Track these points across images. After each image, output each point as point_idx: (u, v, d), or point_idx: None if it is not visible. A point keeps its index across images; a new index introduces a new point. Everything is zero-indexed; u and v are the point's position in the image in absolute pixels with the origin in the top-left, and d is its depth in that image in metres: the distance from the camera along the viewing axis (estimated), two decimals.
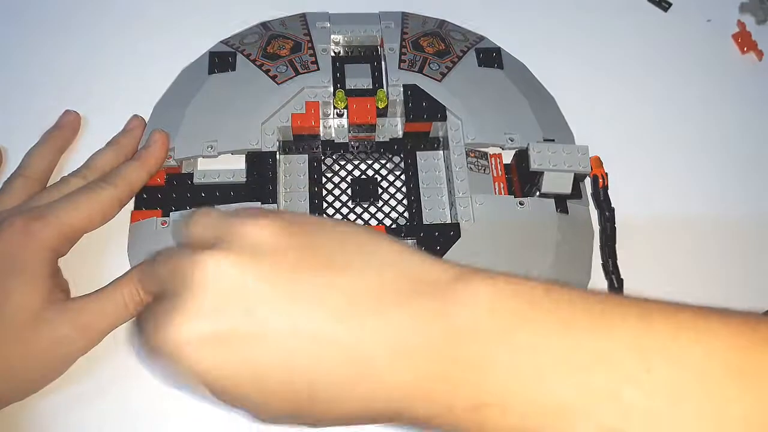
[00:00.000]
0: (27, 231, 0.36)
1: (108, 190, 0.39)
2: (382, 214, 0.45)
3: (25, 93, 0.48)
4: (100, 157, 0.42)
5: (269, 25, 0.50)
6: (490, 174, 0.45)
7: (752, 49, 0.54)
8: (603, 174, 0.44)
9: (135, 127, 0.45)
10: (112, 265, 0.40)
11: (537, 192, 0.43)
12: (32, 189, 0.41)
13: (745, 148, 0.50)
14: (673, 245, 0.46)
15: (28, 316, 0.34)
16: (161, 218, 0.41)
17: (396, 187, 0.46)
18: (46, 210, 0.37)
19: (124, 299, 0.36)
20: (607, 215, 0.44)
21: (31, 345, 0.34)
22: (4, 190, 0.40)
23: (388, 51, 0.47)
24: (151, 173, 0.42)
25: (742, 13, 0.56)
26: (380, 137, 0.47)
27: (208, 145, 0.43)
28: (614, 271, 0.43)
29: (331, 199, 0.45)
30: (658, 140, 0.50)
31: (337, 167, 0.46)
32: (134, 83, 0.48)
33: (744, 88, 0.53)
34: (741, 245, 0.47)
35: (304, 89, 0.45)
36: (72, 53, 0.49)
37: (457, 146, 0.44)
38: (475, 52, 0.49)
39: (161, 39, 0.50)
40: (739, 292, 0.45)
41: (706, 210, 0.48)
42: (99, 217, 0.39)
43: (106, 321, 0.36)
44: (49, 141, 0.44)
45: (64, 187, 0.40)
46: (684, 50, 0.54)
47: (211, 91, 0.46)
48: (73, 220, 0.37)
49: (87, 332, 0.36)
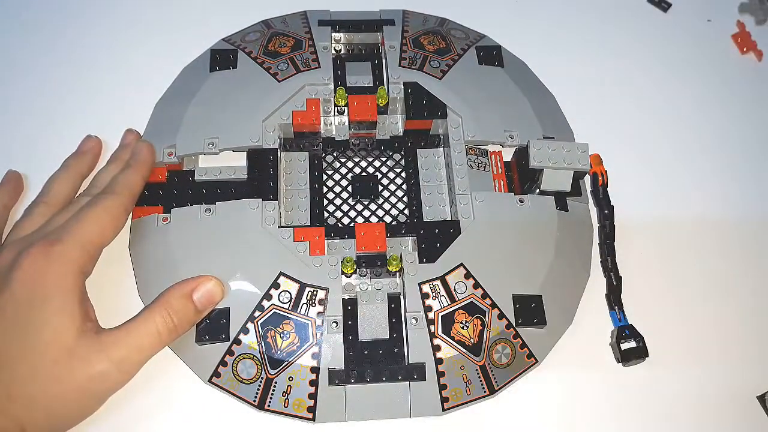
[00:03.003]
0: (48, 257, 0.35)
1: (110, 199, 0.39)
2: (383, 211, 0.45)
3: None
4: (104, 173, 0.43)
5: (270, 23, 0.50)
6: (490, 171, 0.46)
7: (752, 49, 0.54)
8: (603, 172, 0.44)
9: (131, 141, 0.45)
10: (113, 261, 0.41)
11: (537, 189, 0.44)
12: (53, 215, 0.40)
13: (745, 147, 0.51)
14: (672, 243, 0.46)
15: (62, 352, 0.34)
16: (162, 215, 0.42)
17: (396, 185, 0.46)
18: (60, 232, 0.37)
19: (157, 328, 0.36)
20: (606, 213, 0.44)
21: (66, 383, 0.34)
22: (24, 216, 0.40)
23: (389, 49, 0.48)
24: (145, 177, 0.42)
25: (742, 13, 0.56)
26: (381, 135, 0.47)
27: (210, 142, 0.43)
28: (613, 269, 0.43)
29: (332, 196, 0.45)
30: (658, 139, 0.50)
31: (338, 164, 0.47)
32: (136, 81, 0.48)
33: (744, 88, 0.53)
34: (740, 243, 0.47)
35: (305, 87, 0.45)
36: (74, 55, 0.50)
37: (458, 144, 0.45)
38: (475, 50, 0.49)
39: (163, 37, 0.51)
40: (738, 289, 0.45)
41: (705, 208, 0.48)
42: (110, 226, 0.39)
43: (142, 354, 0.36)
44: (71, 167, 0.43)
45: (75, 208, 0.39)
46: (684, 50, 0.54)
47: (212, 89, 0.46)
48: (88, 235, 0.37)
49: (123, 367, 0.35)
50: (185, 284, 0.37)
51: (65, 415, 0.35)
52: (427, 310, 0.39)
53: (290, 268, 0.39)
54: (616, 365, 0.42)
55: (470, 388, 0.39)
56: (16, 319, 0.34)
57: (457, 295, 0.40)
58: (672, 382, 0.42)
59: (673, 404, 0.41)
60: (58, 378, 0.33)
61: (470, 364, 0.39)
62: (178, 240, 0.41)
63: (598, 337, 0.42)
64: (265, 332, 0.38)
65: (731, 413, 0.41)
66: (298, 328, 0.38)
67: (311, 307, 0.39)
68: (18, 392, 0.33)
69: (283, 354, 0.38)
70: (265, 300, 0.39)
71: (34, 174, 0.44)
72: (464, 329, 0.39)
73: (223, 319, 0.39)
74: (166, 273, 0.40)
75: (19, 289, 0.34)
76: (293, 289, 0.39)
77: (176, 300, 0.37)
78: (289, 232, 0.41)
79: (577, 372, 0.41)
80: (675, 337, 0.43)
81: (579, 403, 0.41)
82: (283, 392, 0.38)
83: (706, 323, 0.44)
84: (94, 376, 0.34)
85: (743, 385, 0.42)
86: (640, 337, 0.41)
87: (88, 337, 0.34)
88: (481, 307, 0.40)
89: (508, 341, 0.40)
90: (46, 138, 0.46)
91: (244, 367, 0.38)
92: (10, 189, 0.42)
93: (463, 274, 0.40)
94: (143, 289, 0.40)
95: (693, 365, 0.42)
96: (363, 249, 0.41)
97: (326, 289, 0.39)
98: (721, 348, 0.43)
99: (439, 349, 0.39)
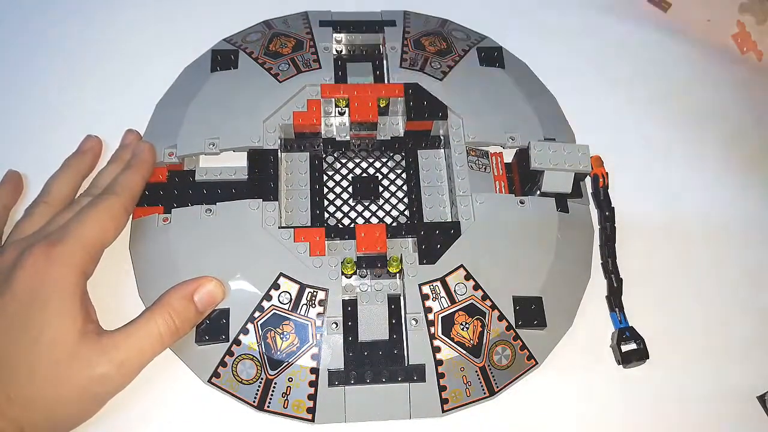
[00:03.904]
0: (49, 257, 0.35)
1: (111, 199, 0.39)
2: (383, 212, 0.45)
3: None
4: (104, 174, 0.42)
5: (272, 24, 0.50)
6: (490, 173, 0.46)
7: (752, 49, 0.54)
8: (603, 173, 0.44)
9: (132, 141, 0.45)
10: (113, 261, 0.41)
11: (537, 191, 0.43)
12: (53, 215, 0.40)
13: (745, 148, 0.50)
14: (673, 245, 0.46)
15: (63, 354, 0.33)
16: (163, 215, 0.42)
17: (397, 186, 0.46)
18: (61, 233, 0.36)
19: (159, 330, 0.36)
20: (607, 214, 0.44)
21: (67, 385, 0.33)
22: (25, 217, 0.40)
23: (390, 50, 0.48)
24: (145, 178, 0.42)
25: (742, 13, 0.56)
26: (381, 135, 0.47)
27: (210, 142, 0.43)
28: (613, 271, 0.43)
29: (332, 197, 0.45)
30: (658, 140, 0.50)
31: (339, 165, 0.47)
32: (137, 81, 0.48)
33: (744, 88, 0.53)
34: (740, 245, 0.47)
35: (306, 87, 0.45)
36: (75, 55, 0.50)
37: (458, 145, 0.45)
38: (476, 51, 0.49)
39: (164, 37, 0.51)
40: (737, 291, 0.45)
41: (705, 210, 0.48)
42: (111, 226, 0.39)
43: (143, 356, 0.36)
44: (71, 167, 0.43)
45: (75, 208, 0.39)
46: (684, 50, 0.54)
47: (213, 89, 0.46)
48: (89, 235, 0.37)
49: (124, 369, 0.35)
50: (186, 285, 0.37)
51: (65, 416, 0.35)
52: (427, 311, 0.39)
53: (290, 268, 0.39)
54: (616, 367, 0.42)
55: (470, 389, 0.39)
56: (17, 321, 0.33)
57: (458, 296, 0.40)
58: (673, 383, 0.42)
59: (674, 406, 0.41)
60: (58, 380, 0.33)
61: (470, 366, 0.39)
62: (179, 240, 0.41)
63: (599, 339, 0.42)
64: (265, 333, 0.38)
65: (731, 413, 0.41)
66: (297, 329, 0.38)
67: (311, 308, 0.39)
68: (18, 394, 0.33)
69: (283, 355, 0.38)
70: (265, 301, 0.39)
71: (34, 174, 0.44)
72: (464, 331, 0.39)
73: (223, 320, 0.39)
74: (166, 273, 0.40)
75: (20, 290, 0.34)
76: (293, 289, 0.39)
77: (177, 301, 0.37)
78: (289, 233, 0.41)
79: (578, 374, 0.41)
80: (676, 339, 0.43)
81: (579, 405, 0.41)
82: (283, 393, 0.38)
83: (706, 325, 0.44)
84: (94, 378, 0.34)
85: (743, 385, 0.42)
86: (641, 339, 0.41)
87: (89, 339, 0.34)
88: (482, 309, 0.40)
89: (508, 343, 0.40)
90: (46, 138, 0.46)
91: (244, 367, 0.38)
92: (10, 189, 0.42)
93: (463, 276, 0.40)
94: (144, 289, 0.40)
95: (693, 367, 0.42)
96: (363, 250, 0.41)
97: (326, 290, 0.39)
98: (721, 348, 0.43)
99: (439, 350, 0.39)
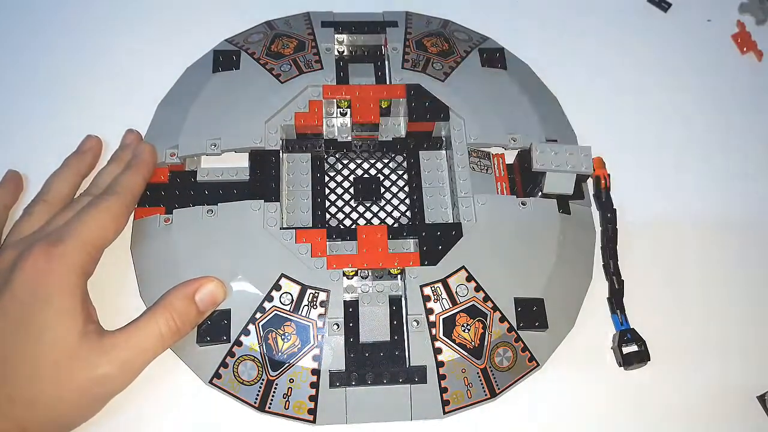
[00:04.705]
0: (49, 258, 0.35)
1: (111, 199, 0.39)
2: (385, 213, 0.45)
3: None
4: (104, 173, 0.42)
5: (273, 24, 0.50)
6: (492, 174, 0.46)
7: (752, 49, 0.54)
8: (605, 175, 0.44)
9: (132, 141, 0.45)
10: (115, 262, 0.41)
11: (539, 192, 0.43)
12: (53, 214, 0.40)
13: (746, 148, 0.50)
14: (675, 247, 0.46)
15: (64, 354, 0.33)
16: (164, 215, 0.42)
17: (398, 187, 0.46)
18: (62, 232, 0.36)
19: (160, 330, 0.36)
20: (608, 216, 0.44)
21: (68, 385, 0.33)
22: (24, 216, 0.40)
23: (392, 50, 0.48)
24: (146, 178, 0.42)
25: (742, 13, 0.56)
26: (383, 136, 0.47)
27: (212, 143, 0.43)
28: (615, 272, 0.43)
29: (334, 198, 0.45)
30: (660, 141, 0.50)
31: (340, 166, 0.46)
32: (139, 81, 0.48)
33: (744, 88, 0.53)
34: (742, 246, 0.47)
35: (308, 88, 0.45)
36: (77, 55, 0.50)
37: (460, 146, 0.45)
38: (478, 52, 0.49)
39: (166, 37, 0.50)
40: (741, 293, 0.45)
41: (707, 211, 0.48)
42: (112, 226, 0.39)
43: (145, 356, 0.35)
44: (71, 166, 0.43)
45: (76, 207, 0.39)
46: (684, 50, 0.54)
47: (215, 90, 0.46)
48: (90, 235, 0.37)
49: (125, 370, 0.35)
50: (187, 286, 0.37)
51: (66, 417, 0.35)
52: (428, 312, 0.39)
53: (292, 269, 0.39)
54: (617, 369, 0.41)
55: (471, 391, 0.39)
56: (18, 321, 0.33)
57: (459, 297, 0.40)
58: (673, 385, 0.42)
59: (675, 408, 0.41)
60: (59, 380, 0.33)
61: (471, 367, 0.39)
62: (180, 241, 0.41)
63: (600, 340, 0.42)
64: (267, 334, 0.38)
65: (731, 413, 0.41)
66: (299, 330, 0.38)
67: (312, 309, 0.39)
68: (19, 394, 0.33)
69: (284, 356, 0.38)
70: (267, 301, 0.39)
71: (34, 174, 0.44)
72: (465, 332, 0.39)
73: (224, 321, 0.39)
74: (167, 274, 0.40)
75: (20, 290, 0.34)
76: (294, 290, 0.39)
77: (179, 302, 0.37)
78: (290, 234, 0.41)
79: (579, 376, 0.41)
80: (677, 340, 0.43)
81: (580, 407, 0.40)
82: (284, 394, 0.38)
83: (707, 326, 0.44)
84: (96, 379, 0.34)
85: (743, 385, 0.42)
86: (642, 341, 0.41)
87: (90, 339, 0.34)
88: (483, 310, 0.40)
89: (509, 344, 0.40)
90: (46, 138, 0.46)
91: (245, 368, 0.38)
92: (10, 189, 0.42)
93: (464, 277, 0.40)
94: (145, 289, 0.40)
95: (694, 368, 0.42)
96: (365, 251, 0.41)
97: (328, 291, 0.39)
98: (721, 349, 0.43)
99: (441, 351, 0.39)
